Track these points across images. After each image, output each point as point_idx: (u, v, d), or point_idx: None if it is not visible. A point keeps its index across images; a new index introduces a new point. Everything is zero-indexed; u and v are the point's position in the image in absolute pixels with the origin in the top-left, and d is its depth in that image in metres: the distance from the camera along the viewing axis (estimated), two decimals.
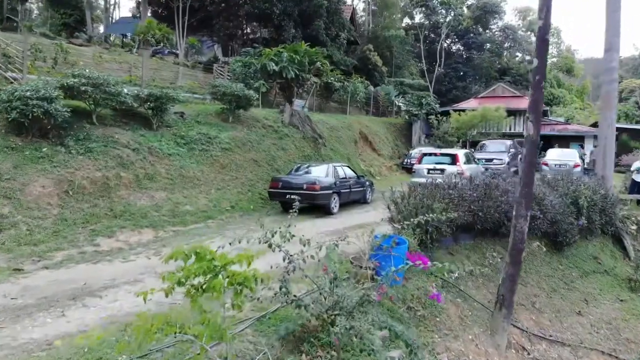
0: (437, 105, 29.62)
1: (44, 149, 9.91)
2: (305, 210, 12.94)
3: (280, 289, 4.52)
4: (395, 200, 8.41)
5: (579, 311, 9.33)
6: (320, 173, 12.89)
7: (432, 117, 28.26)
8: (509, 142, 22.79)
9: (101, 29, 39.40)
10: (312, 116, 19.88)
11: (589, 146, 27.62)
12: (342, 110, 26.22)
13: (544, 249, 9.67)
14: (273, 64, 18.76)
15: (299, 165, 13.99)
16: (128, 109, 12.75)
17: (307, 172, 13.32)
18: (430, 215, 6.14)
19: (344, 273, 4.94)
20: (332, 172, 12.97)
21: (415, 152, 25.13)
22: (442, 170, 14.79)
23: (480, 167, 17.20)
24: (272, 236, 4.55)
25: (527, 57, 54.39)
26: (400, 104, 32.66)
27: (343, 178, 13.43)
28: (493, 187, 9.26)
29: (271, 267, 4.58)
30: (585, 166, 21.15)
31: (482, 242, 9.69)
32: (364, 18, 46.65)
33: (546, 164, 19.53)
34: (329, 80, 23.95)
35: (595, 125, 29.91)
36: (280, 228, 4.62)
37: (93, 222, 9.20)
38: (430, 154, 15.80)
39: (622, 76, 74.00)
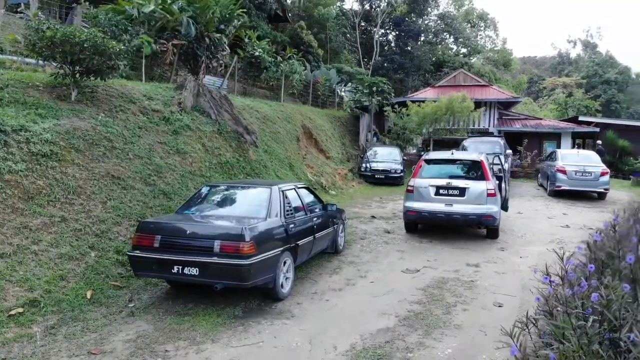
0: (392, 94, 23.57)
1: None
2: (220, 297, 5.34)
3: None
4: None
5: None
6: (256, 209, 5.90)
7: (388, 108, 22.19)
8: (501, 139, 17.19)
9: None
10: (234, 101, 12.74)
11: (565, 145, 23.19)
12: (274, 97, 19.24)
13: None
14: (160, 10, 11.47)
15: (211, 187, 6.81)
16: None
17: (225, 205, 6.31)
18: None
19: None
20: (279, 204, 6.04)
21: (371, 153, 19.00)
22: (463, 191, 8.61)
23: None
24: None
25: (463, 50, 51.12)
26: (343, 93, 26.28)
27: (300, 212, 6.58)
28: None
29: None
30: None
31: None
32: None
33: (563, 172, 14.11)
34: (257, 53, 16.83)
35: (572, 120, 25.81)
36: None
37: None
38: (437, 161, 9.34)
39: (540, 75, 75.20)
